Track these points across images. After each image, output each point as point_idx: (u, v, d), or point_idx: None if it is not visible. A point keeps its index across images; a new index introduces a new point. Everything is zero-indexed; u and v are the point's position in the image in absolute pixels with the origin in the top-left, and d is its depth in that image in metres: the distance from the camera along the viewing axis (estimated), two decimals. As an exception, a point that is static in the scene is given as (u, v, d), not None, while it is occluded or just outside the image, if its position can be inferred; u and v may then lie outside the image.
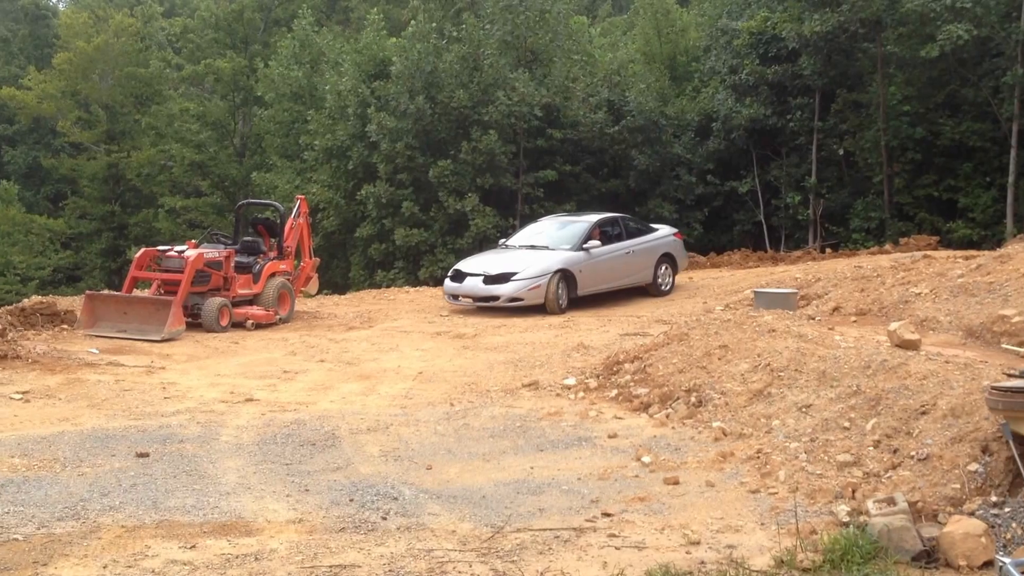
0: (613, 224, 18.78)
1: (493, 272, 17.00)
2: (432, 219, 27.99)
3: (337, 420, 9.30)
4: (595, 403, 9.60)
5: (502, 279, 16.78)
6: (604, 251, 17.79)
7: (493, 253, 18.36)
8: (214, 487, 7.16)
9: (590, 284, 17.48)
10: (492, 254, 18.22)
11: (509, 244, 18.82)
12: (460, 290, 17.24)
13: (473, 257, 18.53)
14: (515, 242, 18.78)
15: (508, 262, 17.26)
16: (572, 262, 17.21)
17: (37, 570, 5.58)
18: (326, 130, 30.74)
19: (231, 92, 42.84)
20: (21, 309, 15.16)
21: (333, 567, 5.58)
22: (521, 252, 17.81)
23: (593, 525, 6.14)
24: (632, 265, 18.25)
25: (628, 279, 18.26)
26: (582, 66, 31.35)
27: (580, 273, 17.23)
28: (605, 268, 17.70)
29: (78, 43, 45.42)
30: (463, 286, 17.19)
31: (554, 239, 18.17)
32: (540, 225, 19.62)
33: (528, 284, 16.66)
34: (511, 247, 18.47)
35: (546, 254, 17.41)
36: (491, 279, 16.88)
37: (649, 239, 18.83)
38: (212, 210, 41.30)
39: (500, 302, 16.68)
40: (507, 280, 16.73)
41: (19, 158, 51.92)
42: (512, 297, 16.64)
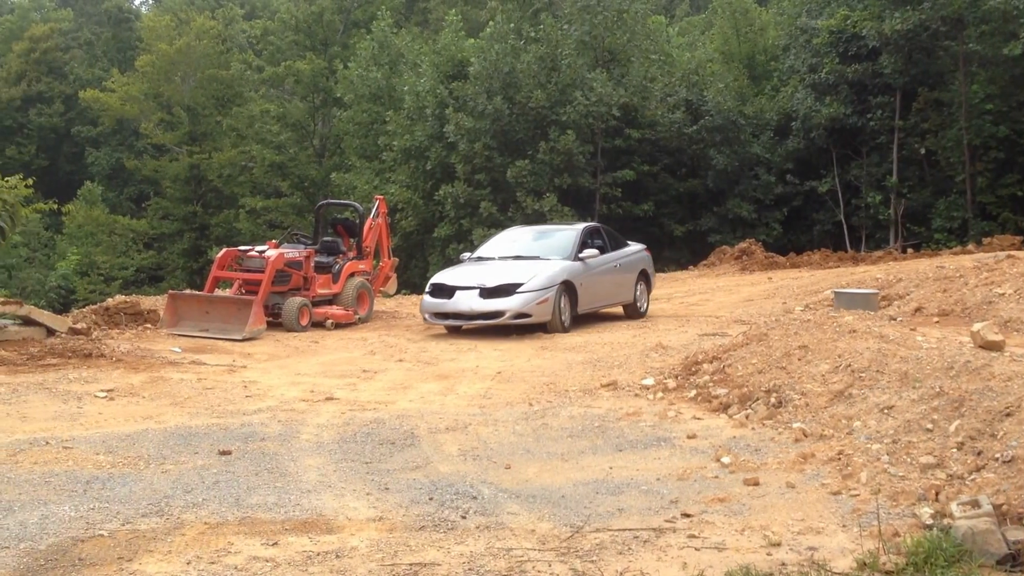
0: (597, 234, 16.80)
1: (492, 283, 14.62)
2: (510, 219, 28.06)
3: (416, 419, 9.34)
4: (674, 403, 9.52)
5: (505, 292, 14.48)
6: (600, 262, 15.88)
7: (470, 266, 15.84)
8: (295, 485, 7.23)
9: (589, 300, 15.55)
10: (470, 267, 15.72)
11: (482, 256, 16.35)
12: (447, 307, 14.71)
13: (449, 271, 15.95)
14: (488, 253, 16.38)
15: (506, 272, 14.93)
16: (573, 273, 15.21)
17: (122, 566, 5.67)
18: (404, 131, 30.99)
19: (311, 93, 43.40)
20: (105, 308, 15.52)
21: (413, 565, 5.60)
22: (510, 263, 15.48)
23: (672, 526, 6.09)
24: (619, 281, 16.45)
25: (616, 297, 16.45)
26: (660, 66, 31.21)
27: (581, 286, 15.24)
28: (601, 282, 15.86)
29: (160, 46, 46.39)
30: (452, 302, 14.68)
31: (541, 248, 16.06)
32: (511, 235, 17.35)
33: (537, 297, 14.44)
34: (487, 259, 16.09)
35: (543, 264, 15.19)
36: (490, 292, 14.52)
37: (628, 252, 17.11)
38: (292, 210, 41.89)
39: (504, 319, 14.40)
40: (512, 292, 14.44)
41: (103, 160, 53.20)
42: (519, 313, 14.37)
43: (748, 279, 22.03)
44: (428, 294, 15.11)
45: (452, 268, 16.14)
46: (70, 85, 56.17)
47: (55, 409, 10.19)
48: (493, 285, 14.53)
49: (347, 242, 17.52)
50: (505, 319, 14.37)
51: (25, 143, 55.09)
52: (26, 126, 56.10)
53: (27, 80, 57.26)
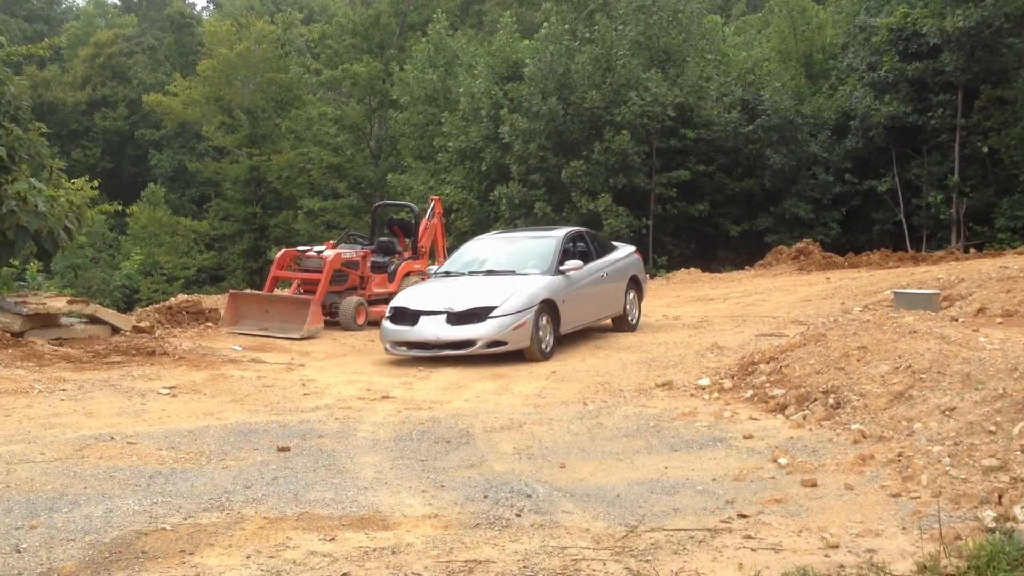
0: (580, 240, 14.84)
1: (461, 307, 12.66)
2: (565, 219, 28.04)
3: (471, 418, 9.40)
4: (730, 404, 9.48)
5: (476, 316, 12.54)
6: (584, 274, 13.93)
7: (437, 285, 13.83)
8: (352, 481, 7.32)
9: (573, 319, 13.62)
10: (437, 286, 13.75)
11: (450, 271, 14.31)
12: (410, 336, 12.75)
13: (413, 291, 13.92)
14: (457, 267, 14.40)
15: (475, 293, 12.95)
16: (554, 290, 13.25)
17: (184, 559, 5.78)
18: (460, 132, 31.12)
19: (367, 96, 43.74)
20: (168, 307, 15.80)
21: (468, 562, 5.64)
22: (479, 280, 13.58)
23: (728, 526, 6.07)
24: (607, 292, 14.55)
25: (602, 312, 14.56)
26: (716, 65, 31.03)
27: (564, 304, 13.30)
28: (586, 296, 13.96)
29: (221, 50, 47.04)
30: (415, 330, 12.72)
31: (516, 260, 14.05)
32: (482, 244, 15.20)
33: (513, 321, 12.47)
34: (454, 274, 14.12)
35: (518, 281, 13.21)
36: (459, 318, 12.60)
37: (616, 258, 15.14)
38: (349, 211, 42.27)
39: (475, 349, 12.44)
40: (484, 317, 12.48)
41: (165, 162, 54.08)
42: (493, 341, 12.42)
43: (805, 279, 21.83)
44: (388, 319, 13.12)
45: (417, 287, 14.21)
46: (134, 89, 57.16)
47: (120, 405, 10.40)
48: (462, 309, 12.60)
49: (403, 242, 17.67)
50: (476, 349, 12.41)
51: (91, 146, 56.15)
52: (91, 130, 57.17)
53: (92, 85, 58.36)
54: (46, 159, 14.87)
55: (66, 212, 14.11)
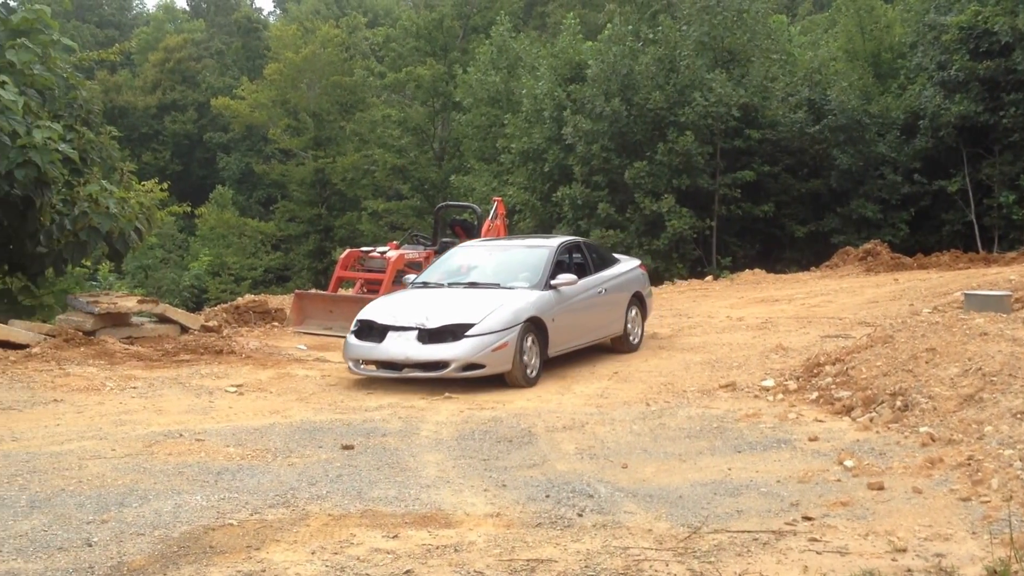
0: (577, 251, 13.43)
1: (434, 323, 11.15)
2: (628, 220, 27.97)
3: (533, 418, 9.42)
4: (794, 405, 9.38)
5: (450, 334, 11.04)
6: (579, 290, 12.45)
7: (411, 296, 12.29)
8: (415, 480, 7.37)
9: (563, 339, 12.09)
10: (411, 297, 12.21)
11: (429, 282, 12.77)
12: (376, 354, 11.27)
13: (384, 302, 12.39)
14: (437, 278, 12.84)
15: (452, 307, 11.46)
16: (542, 306, 11.72)
17: (250, 554, 5.86)
18: (523, 133, 31.16)
19: (431, 98, 43.98)
20: (236, 307, 16.04)
21: (530, 561, 5.65)
22: (459, 293, 12.10)
23: (793, 528, 6.01)
24: (605, 310, 13.05)
25: (600, 331, 13.03)
26: (781, 65, 30.70)
27: (553, 323, 11.77)
28: (580, 315, 12.46)
29: (287, 54, 47.63)
30: (382, 348, 11.23)
31: (503, 273, 12.55)
32: (469, 253, 13.55)
33: (492, 341, 10.95)
34: (433, 285, 12.60)
35: (503, 295, 11.72)
36: (431, 335, 11.08)
37: (617, 272, 13.66)
38: (412, 212, 42.55)
39: (447, 372, 10.93)
40: (459, 336, 10.99)
41: (233, 164, 54.86)
42: (469, 363, 10.92)
43: (873, 280, 21.51)
44: (354, 334, 11.62)
45: (389, 298, 12.68)
46: (202, 93, 58.08)
47: (188, 403, 10.59)
48: (435, 326, 11.11)
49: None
50: (449, 372, 10.90)
51: (160, 149, 57.16)
52: (161, 133, 58.21)
53: (162, 89, 59.42)
54: (117, 162, 15.18)
55: (136, 213, 14.40)
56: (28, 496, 7.10)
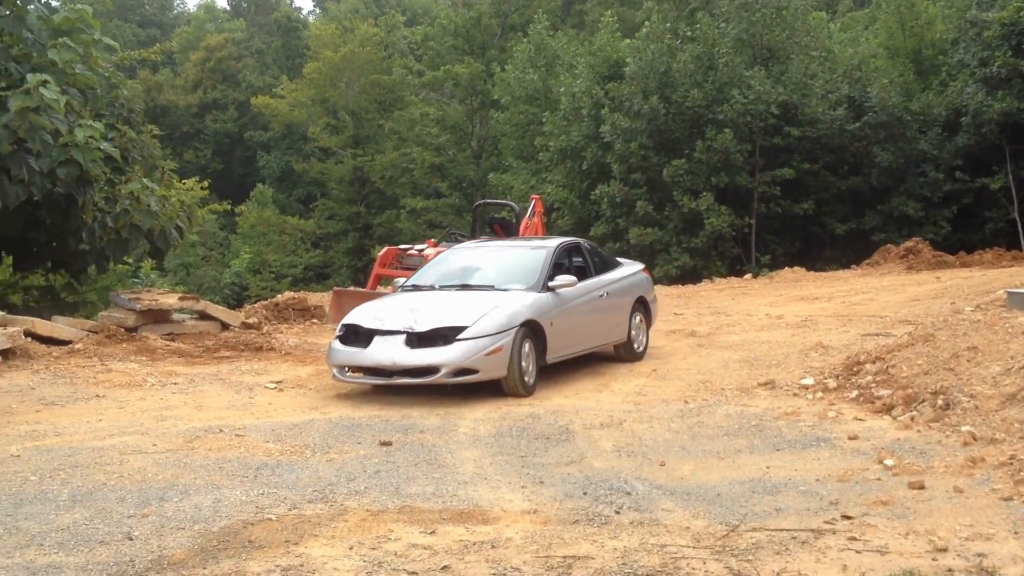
0: (576, 252, 12.70)
1: (424, 327, 10.40)
2: (666, 218, 27.89)
3: (571, 415, 9.41)
4: (834, 404, 9.31)
5: (441, 338, 10.25)
6: (578, 292, 11.70)
7: (400, 299, 11.46)
8: (452, 476, 7.39)
9: (562, 344, 11.33)
10: (400, 300, 11.37)
11: (419, 284, 12.03)
12: (362, 359, 10.50)
13: (371, 306, 11.49)
14: (428, 280, 12.09)
15: (444, 310, 10.73)
16: (539, 309, 10.97)
17: (289, 548, 5.91)
18: (561, 131, 31.15)
19: (469, 96, 44.06)
20: (275, 304, 16.16)
21: (567, 558, 5.65)
22: (451, 295, 11.34)
23: (832, 527, 5.97)
24: (607, 315, 12.27)
25: (600, 337, 12.23)
26: (821, 62, 30.47)
27: (551, 327, 11.04)
28: (579, 319, 11.71)
29: (326, 53, 47.88)
30: (368, 353, 10.44)
31: (498, 274, 11.83)
32: (462, 254, 12.84)
33: (486, 345, 10.21)
34: (424, 288, 11.85)
35: (497, 297, 10.98)
36: (421, 339, 10.32)
37: (620, 276, 12.90)
38: (450, 210, 42.63)
39: (437, 378, 10.18)
40: (450, 340, 10.22)
41: (273, 163, 55.21)
42: (460, 368, 10.18)
43: (914, 279, 21.29)
44: (338, 339, 10.90)
45: (376, 301, 12.01)
46: (243, 92, 58.48)
47: (228, 399, 10.69)
48: (425, 329, 10.35)
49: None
50: (439, 378, 10.16)
51: (202, 148, 57.62)
52: (203, 131, 58.69)
53: (203, 88, 59.90)
54: (158, 160, 15.34)
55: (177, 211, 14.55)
56: (70, 490, 7.19)
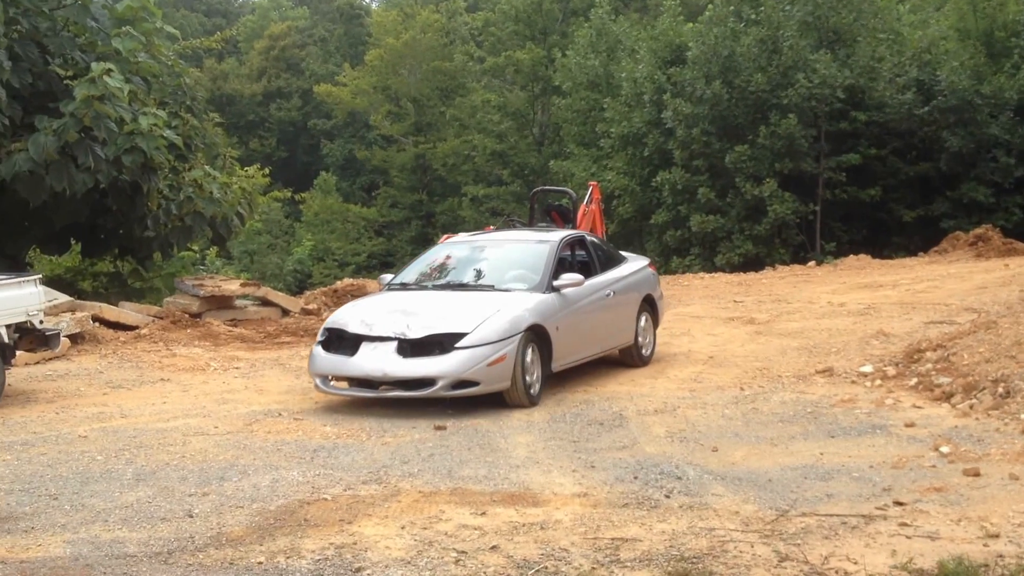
0: (580, 246, 11.50)
1: (417, 332, 9.29)
2: (729, 205, 27.63)
3: (625, 401, 9.44)
4: (892, 391, 9.22)
5: (437, 346, 9.20)
6: (585, 292, 10.53)
7: (388, 299, 10.28)
8: (505, 460, 7.47)
9: (569, 351, 10.20)
10: (388, 301, 10.19)
11: (408, 283, 10.82)
12: (347, 368, 9.44)
13: (356, 306, 10.52)
14: (419, 279, 10.90)
15: (439, 313, 9.61)
16: (545, 312, 9.86)
17: (343, 527, 6.03)
18: (622, 117, 30.99)
19: (530, 83, 43.99)
20: (334, 291, 16.35)
21: (615, 539, 5.69)
22: (446, 296, 10.18)
23: (884, 513, 5.94)
24: (613, 316, 11.12)
25: (607, 342, 11.05)
26: (888, 45, 29.93)
27: (557, 332, 9.91)
28: (587, 322, 10.57)
29: (388, 40, 48.09)
30: (355, 362, 9.37)
31: (498, 272, 10.64)
32: (454, 249, 11.58)
33: (489, 354, 9.14)
34: (414, 287, 10.66)
35: (498, 299, 9.81)
36: (414, 347, 9.23)
37: (626, 272, 11.69)
38: (512, 198, 42.65)
39: (434, 391, 9.10)
40: (448, 348, 9.16)
41: (336, 151, 55.62)
42: (460, 380, 9.11)
43: (982, 266, 20.90)
44: (320, 344, 9.81)
45: (362, 302, 10.88)
46: (306, 80, 58.99)
47: (288, 384, 10.87)
48: (419, 336, 9.26)
49: (561, 227, 17.68)
50: (436, 391, 9.08)
51: (267, 136, 58.25)
52: (267, 120, 59.32)
53: (267, 76, 60.51)
54: (220, 148, 15.57)
55: (239, 198, 14.77)
56: (134, 469, 7.41)
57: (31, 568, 5.49)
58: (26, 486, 7.05)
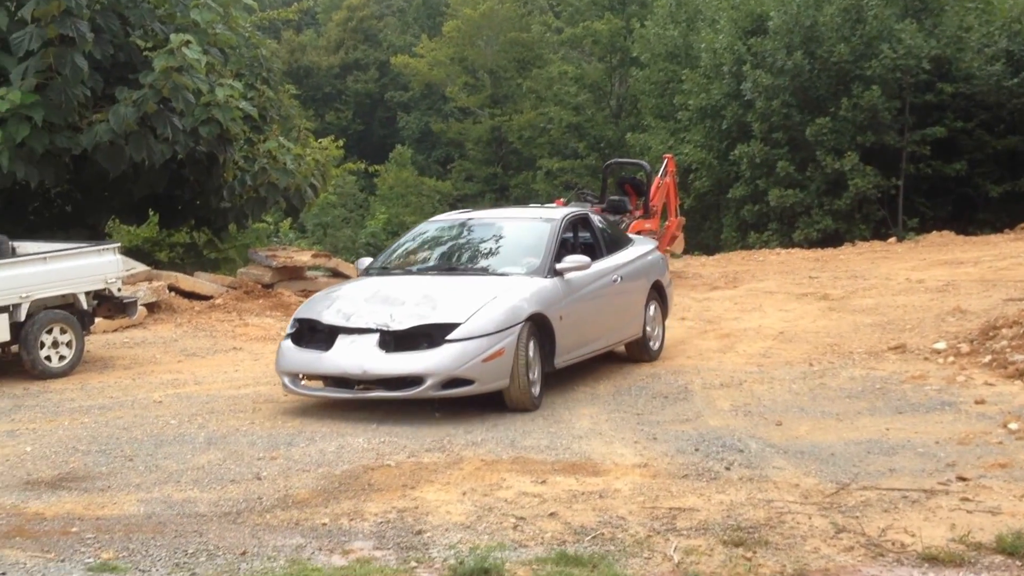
0: (584, 226, 10.10)
1: (403, 323, 8.09)
2: (808, 179, 27.19)
3: (691, 375, 9.41)
4: (965, 368, 9.05)
5: (425, 339, 8.02)
6: (591, 278, 9.30)
7: (367, 286, 8.97)
8: (567, 431, 7.52)
9: (572, 344, 8.94)
10: (367, 287, 8.89)
11: (390, 267, 9.58)
12: (322, 365, 8.19)
13: (331, 293, 9.22)
14: (402, 262, 9.71)
15: (427, 301, 8.33)
16: (547, 299, 8.63)
17: (405, 492, 6.15)
18: (700, 89, 30.65)
19: (608, 54, 43.64)
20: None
21: (672, 509, 5.72)
22: (433, 282, 8.89)
23: (946, 488, 5.88)
24: (621, 305, 9.87)
25: (614, 334, 9.80)
26: (977, 14, 29.12)
27: (561, 322, 8.66)
28: (593, 311, 9.32)
29: (465, 11, 48.00)
30: (330, 357, 8.14)
31: (491, 254, 9.53)
32: (441, 228, 10.26)
33: (484, 348, 7.93)
34: (395, 271, 9.44)
35: (494, 285, 8.63)
36: (399, 340, 8.04)
37: (633, 256, 10.37)
38: (587, 172, 42.43)
39: (422, 391, 7.86)
40: (439, 341, 7.96)
41: (413, 123, 55.72)
42: (452, 378, 7.89)
43: (1071, 243, 20.39)
44: (290, 337, 8.59)
45: (337, 289, 9.48)
46: (383, 52, 59.18)
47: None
48: (405, 327, 8.06)
49: (634, 201, 17.60)
50: (424, 391, 7.85)
51: (343, 109, 58.61)
52: (344, 92, 59.68)
53: (345, 48, 60.80)
54: (295, 119, 15.76)
55: (312, 170, 14.94)
56: (206, 434, 7.63)
57: (107, 525, 5.70)
58: (103, 448, 7.31)
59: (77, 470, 6.78)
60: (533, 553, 5.12)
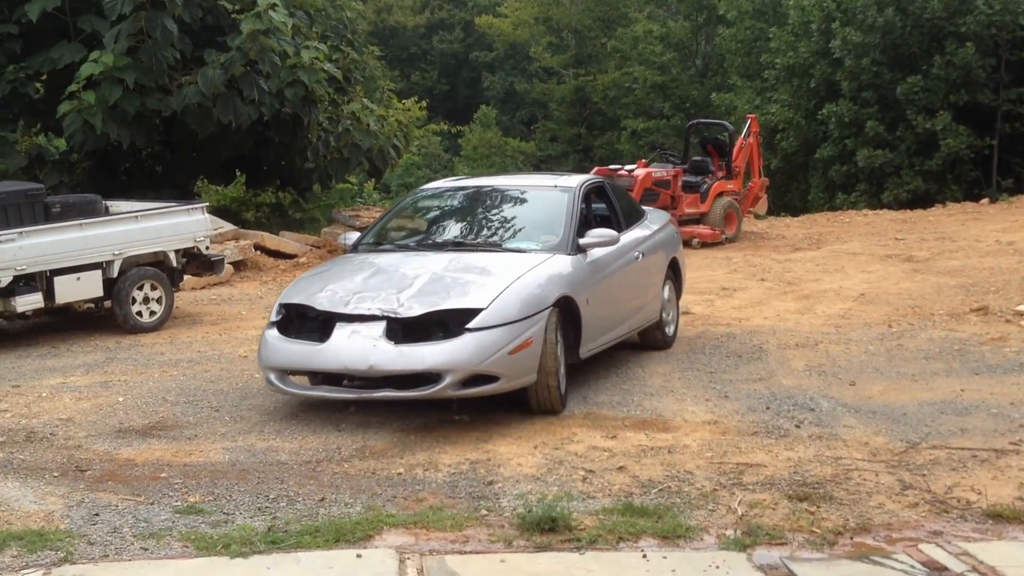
0: (600, 196, 8.83)
1: (413, 309, 6.78)
2: (898, 139, 26.64)
3: (767, 335, 9.40)
4: (1049, 331, 8.93)
5: (440, 327, 6.75)
6: (615, 255, 8.07)
7: (362, 262, 7.71)
8: (640, 388, 7.61)
9: (597, 331, 7.69)
10: (363, 264, 7.63)
11: (382, 243, 8.29)
12: (318, 360, 6.84)
13: (321, 273, 7.85)
14: (398, 236, 8.59)
15: (438, 282, 7.05)
16: (574, 281, 7.38)
17: (478, 445, 6.32)
18: (788, 47, 30.14)
19: (694, 12, 43.07)
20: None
21: (740, 464, 5.79)
22: (445, 260, 7.46)
23: (1017, 448, 5.85)
24: (641, 286, 8.61)
25: (635, 319, 8.49)
26: (1083, -34, 28.12)
27: (587, 306, 7.41)
28: (617, 292, 8.13)
29: (543, -33, 47.64)
30: (327, 350, 6.77)
31: (503, 227, 8.21)
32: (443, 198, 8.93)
33: (510, 337, 6.66)
34: (389, 248, 8.14)
35: (513, 263, 7.32)
36: (408, 329, 6.73)
37: (651, 230, 9.11)
38: (672, 132, 42.03)
39: (439, 390, 6.53)
40: (455, 330, 6.67)
41: (497, 84, 55.62)
42: (474, 374, 6.59)
43: None
44: (275, 326, 7.19)
45: (329, 267, 8.11)
46: (468, 12, 59.12)
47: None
48: (415, 313, 6.77)
49: (717, 162, 17.49)
50: (442, 389, 6.55)
51: (428, 69, 58.75)
52: (429, 53, 59.80)
53: (430, 8, 60.89)
54: (379, 80, 15.94)
55: (395, 131, 15.12)
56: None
57: (193, 471, 5.97)
58: (191, 399, 7.61)
59: (166, 419, 7.08)
60: (600, 504, 5.25)
